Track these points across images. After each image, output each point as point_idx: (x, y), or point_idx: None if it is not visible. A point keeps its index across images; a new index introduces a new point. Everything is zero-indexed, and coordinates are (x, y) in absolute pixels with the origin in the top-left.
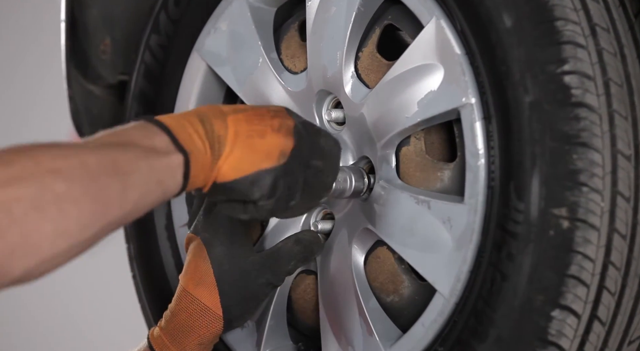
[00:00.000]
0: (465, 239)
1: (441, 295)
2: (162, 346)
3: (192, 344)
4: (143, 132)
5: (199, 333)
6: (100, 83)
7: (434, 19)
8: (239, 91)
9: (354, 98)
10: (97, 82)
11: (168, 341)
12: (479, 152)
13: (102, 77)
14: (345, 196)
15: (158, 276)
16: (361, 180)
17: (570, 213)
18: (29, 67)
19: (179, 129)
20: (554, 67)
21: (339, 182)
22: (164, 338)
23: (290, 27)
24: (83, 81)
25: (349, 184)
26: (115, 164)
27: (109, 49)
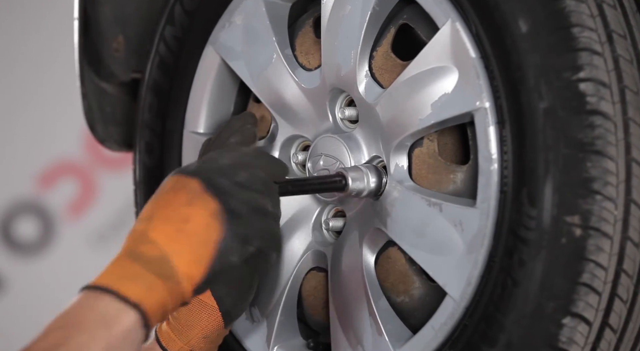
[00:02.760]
0: (477, 243)
1: (451, 298)
2: (169, 340)
3: (197, 338)
4: (85, 305)
5: (201, 326)
6: (113, 81)
7: (449, 21)
8: (253, 86)
9: (368, 98)
10: (110, 80)
11: (174, 336)
12: (492, 157)
13: (115, 75)
14: (363, 196)
15: None
16: (379, 179)
17: (583, 220)
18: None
19: (119, 282)
20: (570, 74)
21: (355, 181)
22: (170, 333)
23: (305, 23)
24: (96, 78)
25: (366, 183)
26: None
27: (121, 47)
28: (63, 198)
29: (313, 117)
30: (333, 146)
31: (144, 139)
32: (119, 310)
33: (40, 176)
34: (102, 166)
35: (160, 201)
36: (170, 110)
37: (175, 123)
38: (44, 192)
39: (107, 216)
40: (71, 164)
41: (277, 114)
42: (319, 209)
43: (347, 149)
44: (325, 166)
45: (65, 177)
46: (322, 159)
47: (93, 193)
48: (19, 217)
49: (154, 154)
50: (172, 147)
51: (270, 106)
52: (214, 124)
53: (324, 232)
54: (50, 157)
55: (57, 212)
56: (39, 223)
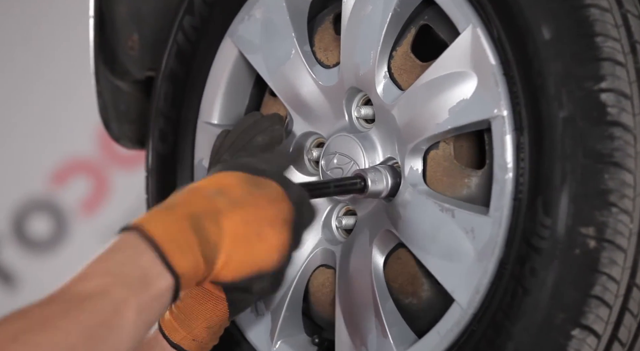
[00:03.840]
0: (488, 251)
1: (459, 305)
2: (172, 330)
3: (201, 327)
4: (130, 254)
5: (205, 316)
6: (127, 79)
7: (470, 26)
8: (269, 80)
9: (385, 99)
10: (125, 78)
11: (177, 325)
12: (507, 166)
13: (130, 73)
14: (382, 197)
15: None
16: (395, 181)
17: (598, 233)
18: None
19: (170, 245)
20: (591, 84)
21: (374, 183)
22: (173, 322)
23: (325, 18)
24: (111, 76)
25: (385, 185)
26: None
27: (136, 45)
28: (76, 195)
29: (329, 115)
30: (348, 145)
31: (158, 127)
32: (160, 274)
33: (53, 174)
34: (115, 163)
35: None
36: (186, 99)
37: (190, 113)
38: (56, 189)
39: (120, 214)
40: (84, 161)
41: (293, 109)
42: (330, 207)
43: (362, 149)
44: (339, 165)
45: (78, 175)
46: (336, 157)
47: (106, 190)
48: (32, 214)
49: (167, 143)
50: (186, 136)
51: (286, 101)
52: (228, 116)
53: (334, 230)
54: (63, 155)
55: (69, 209)
56: (52, 221)
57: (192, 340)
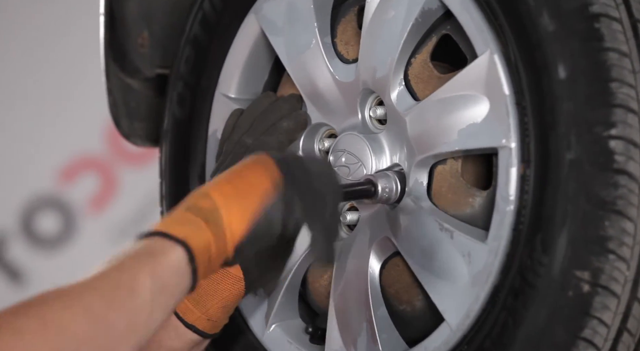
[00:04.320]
0: (482, 278)
1: (448, 326)
2: (186, 311)
3: (216, 307)
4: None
5: (222, 296)
6: (138, 76)
7: (488, 52)
8: (288, 65)
9: (398, 106)
10: (135, 76)
11: (192, 306)
12: (510, 198)
13: (140, 70)
14: (391, 202)
15: None
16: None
17: (593, 278)
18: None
19: (170, 228)
20: (601, 129)
21: (385, 190)
22: (187, 303)
23: (349, 10)
24: (121, 74)
25: (394, 192)
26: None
27: (146, 42)
28: (84, 192)
29: (343, 110)
30: (357, 145)
31: (177, 91)
32: (164, 245)
33: (61, 171)
34: (123, 161)
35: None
36: (206, 68)
37: (210, 82)
38: (65, 187)
39: (128, 211)
40: (92, 159)
41: (308, 99)
42: None
43: (371, 151)
44: (347, 164)
45: (87, 172)
46: (344, 155)
47: (114, 187)
48: (41, 211)
49: (184, 107)
50: (203, 104)
51: (302, 89)
52: (245, 91)
53: None
54: (71, 152)
55: (78, 207)
56: (60, 218)
57: (207, 320)
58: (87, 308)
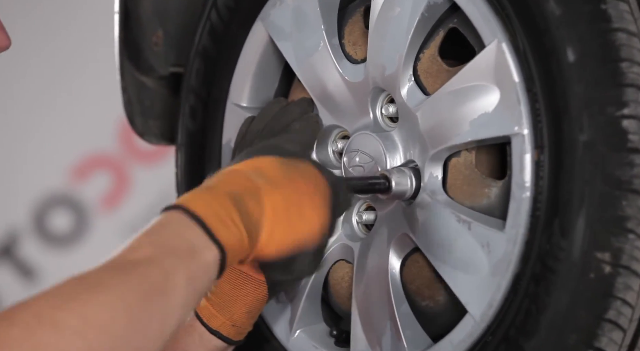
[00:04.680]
0: (502, 267)
1: (472, 317)
2: (210, 317)
3: (240, 312)
4: (176, 228)
5: (245, 301)
6: (152, 75)
7: (495, 41)
8: (297, 70)
9: (409, 102)
10: (149, 74)
11: (216, 311)
12: (525, 185)
13: (154, 69)
14: (407, 197)
15: None
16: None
17: (614, 258)
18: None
19: (213, 219)
20: (613, 110)
21: (399, 185)
22: (210, 309)
23: (355, 10)
24: (135, 72)
25: (408, 186)
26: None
27: (161, 41)
28: (97, 190)
29: (353, 111)
30: (370, 144)
31: (189, 104)
32: (206, 246)
33: (74, 169)
34: (136, 159)
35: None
36: (216, 78)
37: (220, 92)
38: (77, 185)
39: (141, 209)
40: (105, 157)
41: (318, 101)
42: None
43: (384, 149)
44: (361, 163)
45: (99, 170)
46: (358, 155)
47: (127, 186)
48: (53, 209)
49: (197, 120)
50: (215, 115)
51: (312, 92)
52: (257, 99)
53: (354, 225)
54: (84, 150)
55: (90, 205)
56: (73, 216)
57: (232, 326)
58: (127, 309)
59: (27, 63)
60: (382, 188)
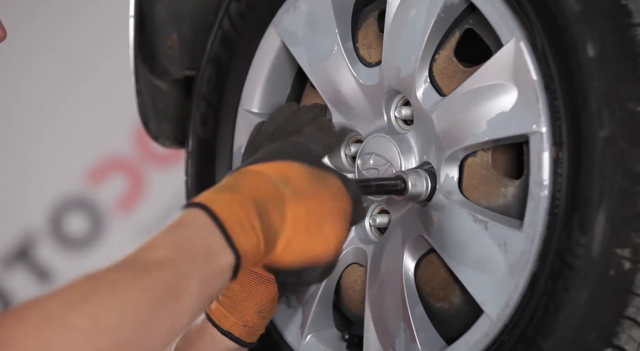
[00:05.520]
0: (519, 266)
1: (488, 317)
2: (221, 317)
3: (251, 312)
4: (196, 230)
5: (255, 300)
6: (166, 78)
7: (513, 39)
8: (311, 74)
9: (425, 104)
10: (164, 77)
11: (227, 312)
12: (544, 183)
13: (169, 72)
14: (419, 200)
15: None
16: (435, 184)
17: (634, 255)
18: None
19: (234, 224)
20: (634, 105)
21: (415, 186)
22: (222, 309)
23: (369, 14)
24: (150, 75)
25: (424, 188)
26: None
27: (175, 44)
28: (112, 193)
29: (368, 114)
30: (385, 146)
31: (200, 111)
32: (223, 251)
33: (90, 172)
34: (152, 162)
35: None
36: (228, 85)
37: (232, 99)
38: (93, 188)
39: (156, 212)
40: (121, 160)
41: (332, 105)
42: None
43: (399, 151)
44: (375, 166)
45: (115, 173)
46: (372, 158)
47: (142, 189)
48: (69, 212)
49: (208, 127)
50: (226, 122)
51: (326, 96)
52: (269, 105)
53: (367, 228)
54: (100, 153)
55: (106, 208)
56: (89, 219)
57: (243, 326)
58: (138, 313)
59: (43, 66)
60: (399, 190)
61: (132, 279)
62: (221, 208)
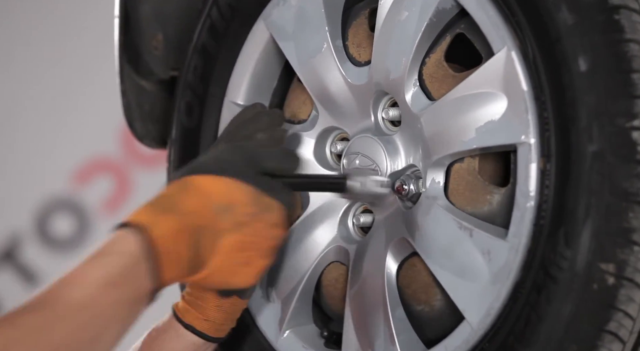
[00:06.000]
0: (502, 275)
1: (469, 324)
2: (184, 311)
3: (211, 306)
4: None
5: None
6: (151, 78)
7: (505, 48)
8: (299, 70)
9: (413, 107)
10: (149, 78)
11: (189, 306)
12: (530, 194)
13: (154, 72)
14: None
15: None
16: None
17: (618, 270)
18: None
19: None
20: (624, 121)
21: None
22: (186, 306)
23: (360, 12)
24: (135, 76)
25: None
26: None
27: (160, 44)
28: (98, 194)
29: (355, 113)
30: (371, 147)
31: (185, 100)
32: (146, 278)
33: (76, 173)
34: (138, 163)
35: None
36: (214, 76)
37: (218, 89)
38: (79, 189)
39: None
40: (107, 161)
41: (319, 103)
42: (348, 205)
43: (385, 152)
44: (361, 166)
45: (101, 174)
46: (358, 158)
47: (128, 190)
48: (55, 213)
49: (192, 116)
50: (212, 112)
51: (313, 93)
52: (255, 97)
53: (350, 228)
54: (86, 154)
55: (92, 209)
56: (75, 220)
57: (205, 320)
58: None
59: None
60: (338, 188)
61: (56, 326)
62: (159, 236)
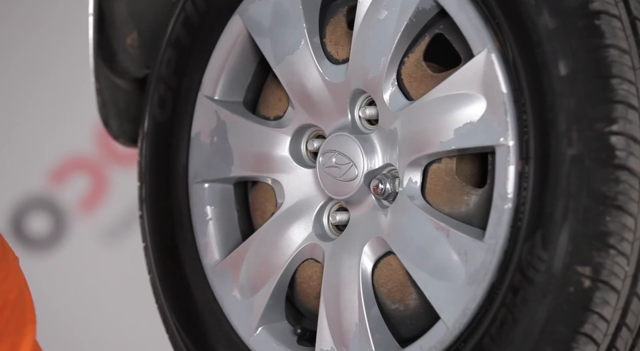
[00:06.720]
0: (478, 276)
1: (444, 324)
2: None
3: None
4: None
5: None
6: (127, 77)
7: (485, 51)
8: (275, 67)
9: (391, 107)
10: (124, 76)
11: None
12: (508, 196)
13: (129, 70)
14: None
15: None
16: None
17: (594, 273)
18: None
19: None
20: (602, 125)
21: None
22: None
23: (338, 10)
24: (110, 74)
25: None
26: None
27: (135, 43)
28: (75, 193)
29: (331, 111)
30: (348, 145)
31: (158, 93)
32: None
33: (51, 172)
34: (114, 162)
35: None
36: (189, 69)
37: (192, 84)
38: (55, 188)
39: (119, 212)
40: (83, 160)
41: (296, 100)
42: (323, 203)
43: (362, 151)
44: (338, 164)
45: (77, 173)
46: (335, 156)
47: (104, 188)
48: (31, 212)
49: (165, 110)
50: (185, 106)
51: (289, 90)
52: (229, 92)
53: (325, 225)
54: (61, 153)
55: (68, 208)
56: (51, 219)
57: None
58: None
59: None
60: None
61: None
62: None
